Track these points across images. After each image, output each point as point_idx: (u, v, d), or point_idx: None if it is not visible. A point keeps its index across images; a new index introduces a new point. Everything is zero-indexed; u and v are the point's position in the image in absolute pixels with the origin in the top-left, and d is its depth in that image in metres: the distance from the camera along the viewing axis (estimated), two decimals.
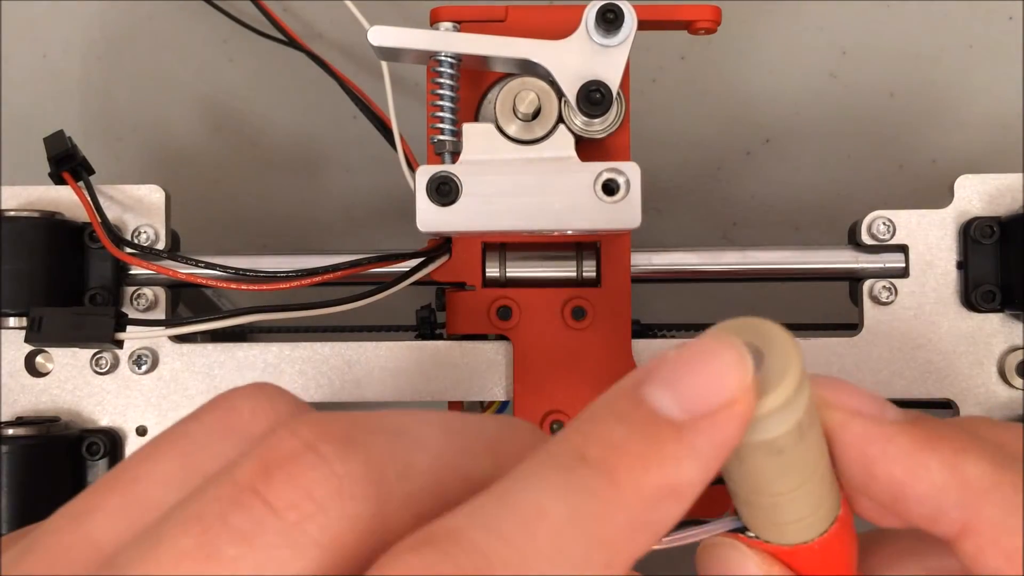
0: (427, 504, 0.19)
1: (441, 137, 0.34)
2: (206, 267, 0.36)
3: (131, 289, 0.38)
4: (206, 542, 0.17)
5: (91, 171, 0.38)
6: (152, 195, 0.38)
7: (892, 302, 0.38)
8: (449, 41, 0.33)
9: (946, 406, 0.38)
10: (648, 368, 0.19)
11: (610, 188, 0.33)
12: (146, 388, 0.38)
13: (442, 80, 0.34)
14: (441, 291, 0.38)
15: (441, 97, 0.34)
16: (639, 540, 0.18)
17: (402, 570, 0.17)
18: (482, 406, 0.44)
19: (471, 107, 0.36)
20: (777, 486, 0.23)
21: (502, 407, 0.43)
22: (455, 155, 0.34)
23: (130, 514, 0.19)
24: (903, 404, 0.39)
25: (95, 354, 0.37)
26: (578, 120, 0.34)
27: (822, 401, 0.23)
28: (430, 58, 0.34)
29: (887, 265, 0.38)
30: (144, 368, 0.37)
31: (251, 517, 0.17)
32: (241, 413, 0.20)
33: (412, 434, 0.19)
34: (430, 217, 0.33)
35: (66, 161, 0.37)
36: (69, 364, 0.38)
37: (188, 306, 0.42)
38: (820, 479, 0.23)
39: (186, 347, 0.38)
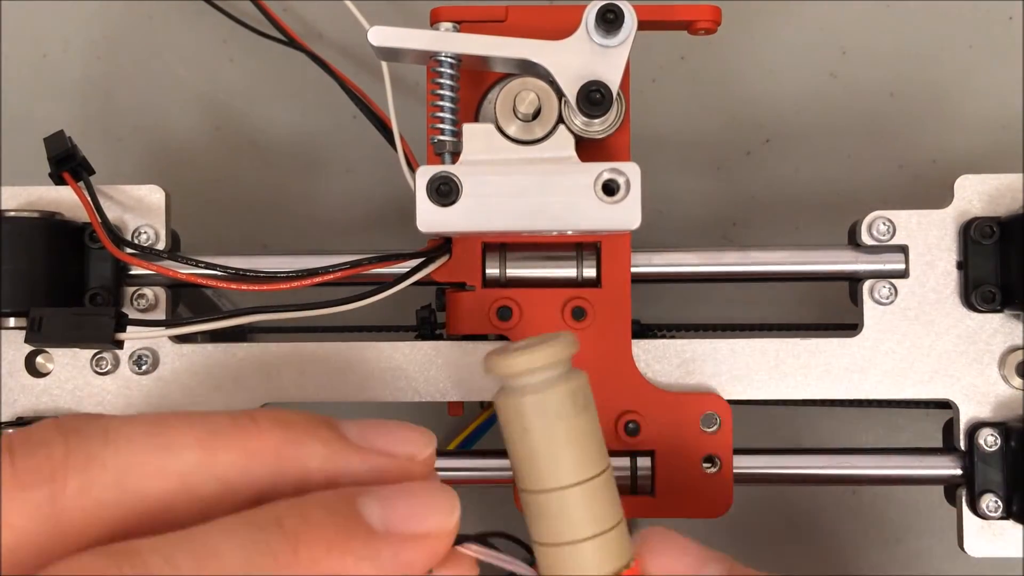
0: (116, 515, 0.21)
1: (441, 137, 0.34)
2: (206, 267, 0.36)
3: (131, 289, 0.38)
4: None
5: (91, 171, 0.38)
6: (152, 195, 0.38)
7: (892, 302, 0.38)
8: (449, 41, 0.33)
9: (946, 406, 0.38)
10: (373, 487, 0.22)
11: (610, 188, 0.33)
12: (146, 388, 0.38)
13: (442, 80, 0.34)
14: (441, 291, 0.38)
15: (441, 97, 0.34)
16: None
17: (74, 570, 0.20)
18: (481, 406, 0.44)
19: (471, 107, 0.36)
20: (563, 469, 0.25)
21: None
22: (455, 155, 0.34)
23: None
24: (903, 404, 0.39)
25: (95, 354, 0.37)
26: (578, 120, 0.34)
27: (645, 559, 0.26)
28: (430, 58, 0.34)
29: (887, 265, 0.38)
30: (144, 368, 0.37)
31: None
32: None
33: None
34: (430, 217, 0.33)
35: (66, 161, 0.37)
36: (69, 364, 0.38)
37: (188, 306, 0.42)
38: (605, 493, 0.26)
39: (186, 347, 0.38)
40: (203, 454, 0.22)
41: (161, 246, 0.38)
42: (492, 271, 0.37)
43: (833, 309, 0.42)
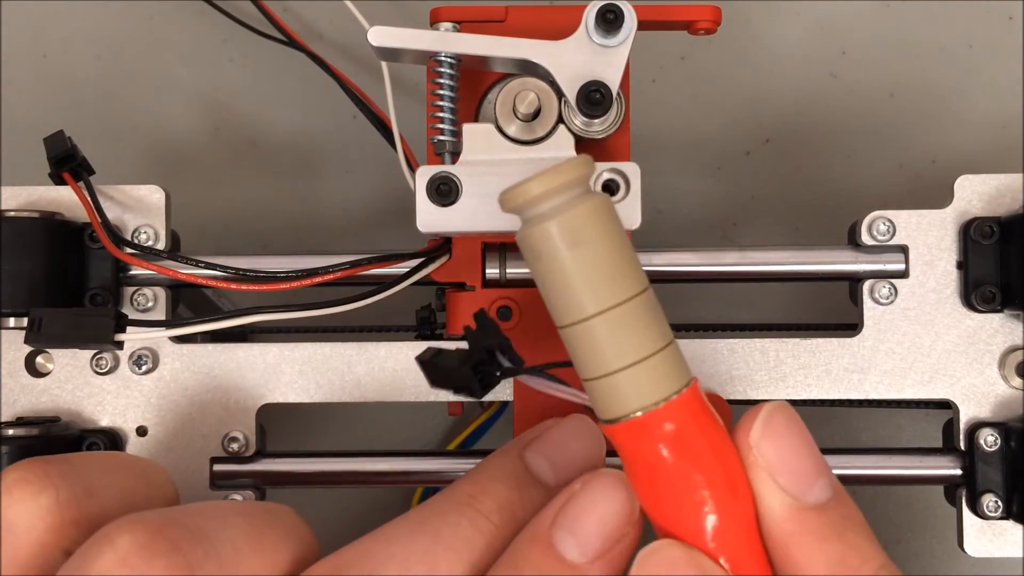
0: None
1: (441, 137, 0.34)
2: (206, 267, 0.36)
3: (131, 289, 0.38)
4: None
5: (91, 171, 0.38)
6: (152, 195, 0.38)
7: (892, 302, 0.38)
8: (449, 41, 0.33)
9: (946, 406, 0.38)
10: (553, 512, 0.25)
11: (610, 188, 0.33)
12: (146, 388, 0.38)
13: (442, 80, 0.34)
14: (441, 291, 0.38)
15: (441, 97, 0.34)
16: None
17: None
18: (482, 406, 0.44)
19: (471, 107, 0.36)
20: (588, 296, 0.24)
21: (502, 408, 0.43)
22: (455, 155, 0.34)
23: None
24: (903, 404, 0.39)
25: (95, 354, 0.37)
26: (578, 120, 0.34)
27: (758, 461, 0.24)
28: (430, 58, 0.34)
29: (887, 265, 0.38)
30: (144, 368, 0.37)
31: None
32: None
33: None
34: (430, 217, 0.33)
35: (66, 161, 0.37)
36: (69, 364, 0.38)
37: (188, 306, 0.42)
38: (642, 317, 0.24)
39: (186, 347, 0.38)
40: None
41: (161, 246, 0.38)
42: (492, 271, 0.37)
43: (833, 309, 0.42)
